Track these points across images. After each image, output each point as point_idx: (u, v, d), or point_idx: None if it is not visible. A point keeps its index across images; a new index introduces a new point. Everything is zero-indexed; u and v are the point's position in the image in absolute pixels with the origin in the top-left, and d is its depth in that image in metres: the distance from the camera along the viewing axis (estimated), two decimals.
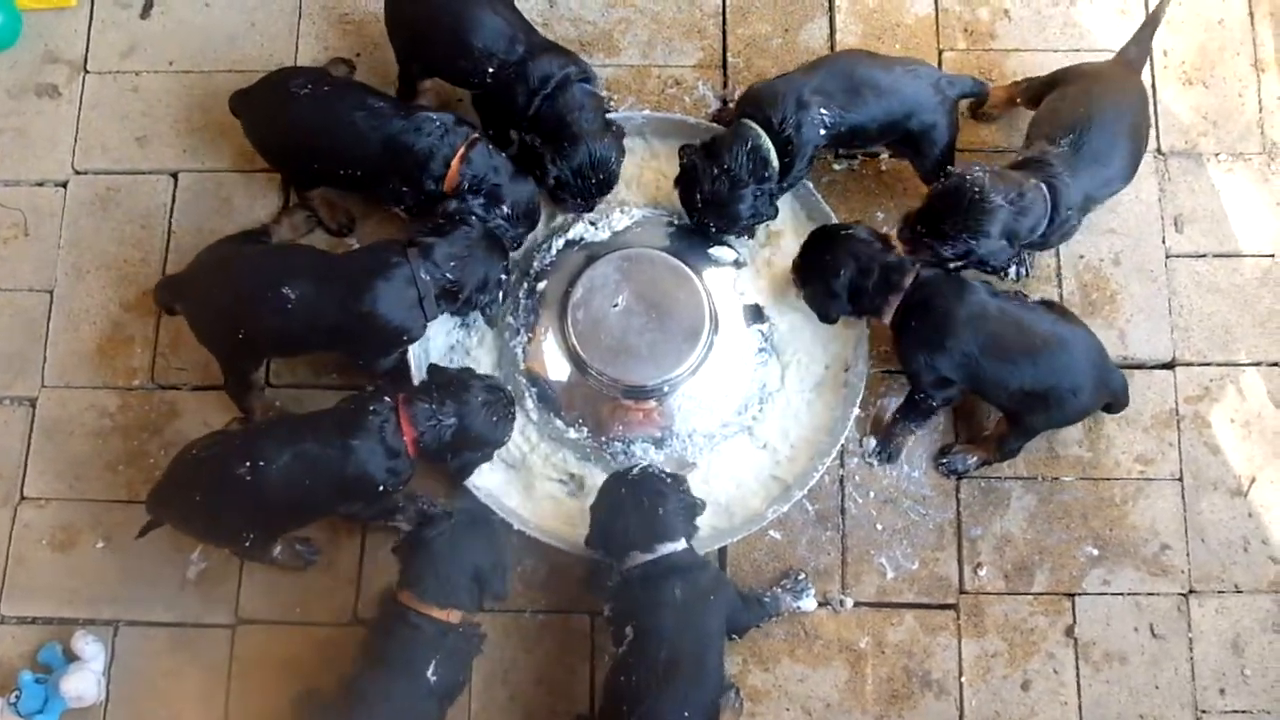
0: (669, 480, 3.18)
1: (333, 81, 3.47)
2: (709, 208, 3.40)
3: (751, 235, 3.58)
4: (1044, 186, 3.19)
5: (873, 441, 3.52)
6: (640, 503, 3.11)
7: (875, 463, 3.52)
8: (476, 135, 3.40)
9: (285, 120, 3.44)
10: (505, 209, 3.39)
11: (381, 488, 3.12)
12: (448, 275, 3.22)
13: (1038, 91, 3.54)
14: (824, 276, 3.31)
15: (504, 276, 3.38)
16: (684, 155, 3.44)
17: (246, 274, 3.28)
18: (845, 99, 3.37)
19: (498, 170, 3.38)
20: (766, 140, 3.33)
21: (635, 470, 3.19)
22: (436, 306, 3.26)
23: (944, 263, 3.22)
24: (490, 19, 3.42)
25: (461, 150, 3.35)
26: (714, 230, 3.48)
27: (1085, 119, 3.29)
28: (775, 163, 3.34)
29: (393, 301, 3.19)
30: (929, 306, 3.21)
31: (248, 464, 3.01)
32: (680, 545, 3.11)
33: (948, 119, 3.46)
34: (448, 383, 3.18)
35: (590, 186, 3.47)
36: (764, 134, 3.33)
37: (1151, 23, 3.53)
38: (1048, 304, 3.42)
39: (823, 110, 3.35)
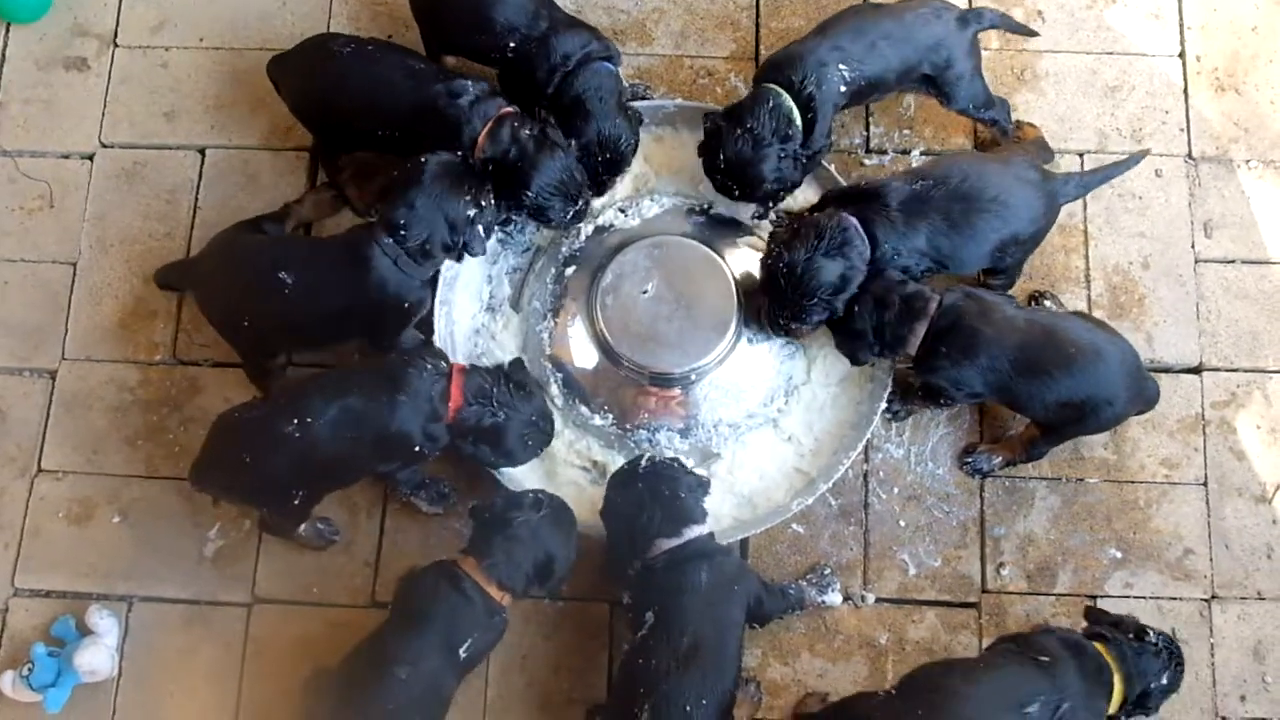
0: (676, 464, 3.18)
1: (375, 42, 3.46)
2: (732, 170, 3.35)
3: (776, 203, 3.50)
4: (851, 220, 3.21)
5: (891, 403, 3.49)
6: (659, 492, 3.09)
7: (889, 417, 3.51)
8: (507, 110, 3.34)
9: (327, 77, 3.42)
10: (530, 194, 3.29)
11: (418, 449, 3.10)
12: (405, 235, 3.17)
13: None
14: (843, 318, 3.28)
15: (475, 211, 3.23)
16: (707, 121, 3.41)
17: (245, 262, 3.29)
18: (861, 52, 3.37)
19: (523, 148, 3.27)
20: (788, 99, 3.31)
21: (642, 463, 3.17)
22: (419, 265, 3.21)
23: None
24: None
25: (490, 125, 3.30)
26: (738, 195, 3.40)
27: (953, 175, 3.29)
28: (798, 121, 3.33)
29: (377, 274, 3.16)
30: (956, 329, 3.18)
31: (295, 420, 3.00)
32: (704, 528, 3.10)
33: (967, 55, 3.45)
34: (518, 383, 3.17)
35: (598, 164, 3.43)
36: (785, 94, 3.32)
37: (1103, 175, 3.50)
38: (1080, 315, 3.42)
39: (841, 66, 3.34)
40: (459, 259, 3.31)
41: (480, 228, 3.26)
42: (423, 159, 3.21)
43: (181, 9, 3.94)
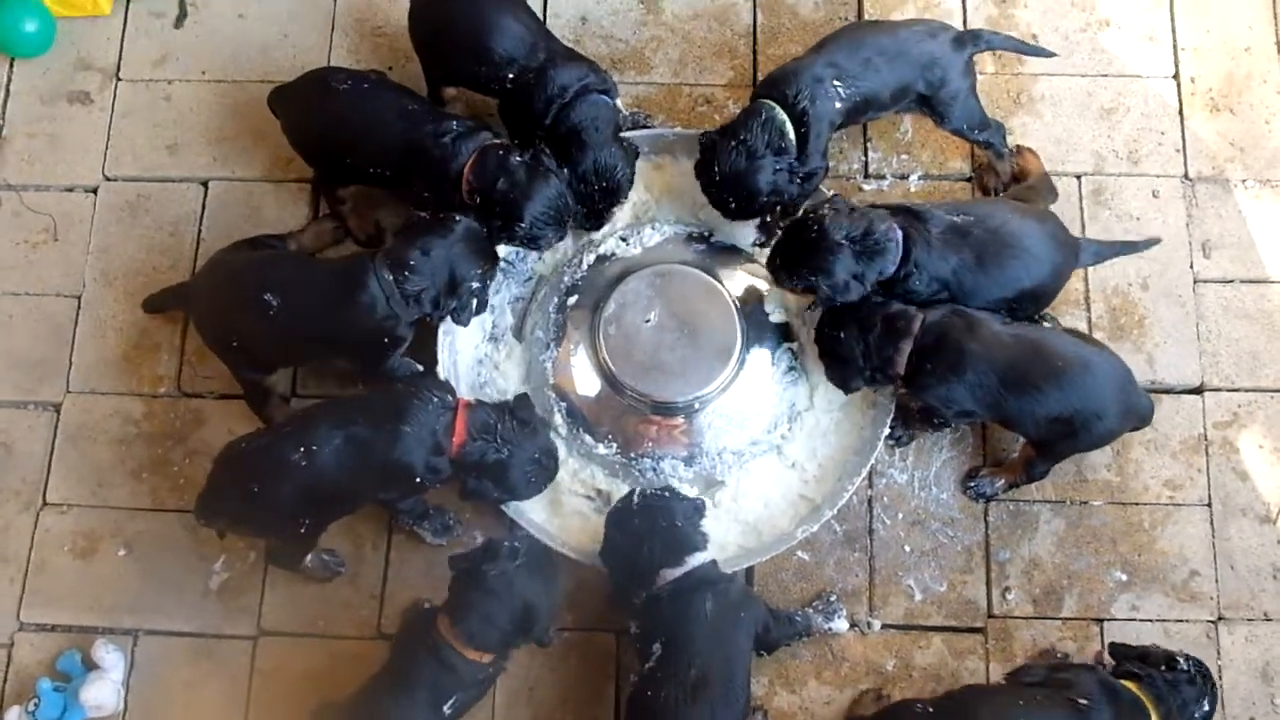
0: (668, 493, 3.18)
1: (372, 79, 3.50)
2: (727, 183, 3.35)
3: (774, 219, 3.51)
4: (899, 231, 3.22)
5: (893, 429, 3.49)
6: (656, 524, 3.10)
7: (891, 443, 3.52)
8: (494, 142, 3.36)
9: (323, 112, 3.46)
10: (524, 224, 3.30)
11: (419, 480, 3.11)
12: (406, 276, 3.18)
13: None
14: (830, 345, 3.30)
15: (479, 285, 3.29)
16: (703, 138, 3.43)
17: (234, 281, 3.32)
18: (857, 69, 3.39)
19: (512, 176, 3.28)
20: (781, 113, 3.33)
21: (635, 498, 3.18)
22: (407, 307, 3.21)
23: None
24: (511, 25, 3.44)
25: (475, 157, 3.33)
26: (734, 209, 3.40)
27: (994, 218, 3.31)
28: (791, 135, 3.34)
29: (363, 304, 3.18)
30: (941, 345, 3.19)
31: (302, 449, 3.01)
32: (707, 555, 3.10)
33: (959, 72, 3.47)
34: (523, 420, 3.18)
35: (593, 194, 3.45)
36: (778, 108, 3.34)
37: (1120, 249, 3.54)
38: (1069, 331, 3.44)
39: (836, 83, 3.37)
40: (442, 319, 3.33)
41: (475, 301, 3.29)
42: (456, 218, 3.25)
43: (183, 42, 3.97)
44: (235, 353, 3.38)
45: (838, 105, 3.37)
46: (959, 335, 3.18)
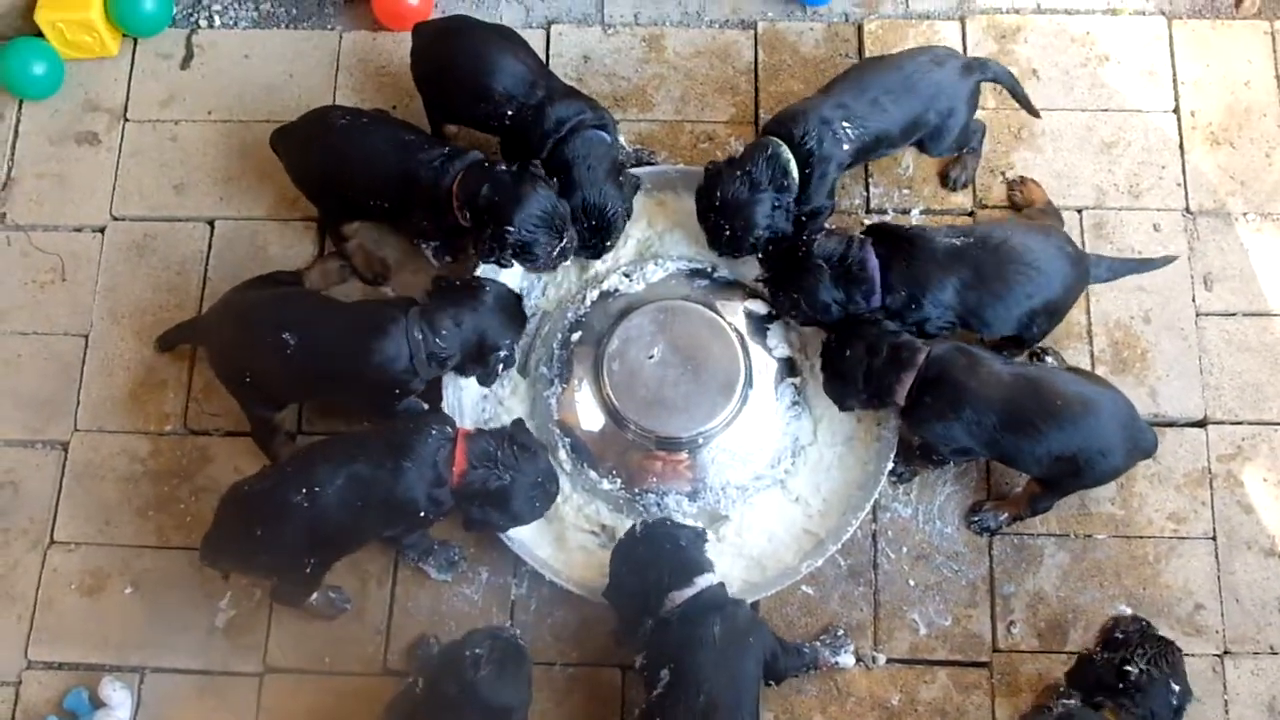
0: (669, 522, 3.23)
1: (370, 115, 3.55)
2: (726, 210, 3.39)
3: (762, 254, 3.51)
4: (874, 259, 3.29)
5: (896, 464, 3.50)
6: (661, 549, 3.13)
7: (894, 480, 3.52)
8: (478, 158, 3.41)
9: (323, 150, 3.51)
10: (513, 229, 3.28)
11: (422, 514, 3.13)
12: (437, 340, 3.25)
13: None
14: (834, 360, 3.33)
15: (507, 352, 3.37)
16: (709, 167, 3.47)
17: (251, 318, 3.35)
18: (865, 110, 3.43)
19: (496, 184, 3.31)
20: (787, 152, 3.38)
21: (638, 528, 3.22)
22: (428, 366, 3.28)
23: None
24: (512, 64, 3.50)
25: (460, 174, 3.37)
26: (728, 236, 3.42)
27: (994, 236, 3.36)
28: (795, 174, 3.38)
29: (384, 355, 3.22)
30: (941, 381, 3.21)
31: (304, 490, 3.04)
32: (715, 577, 3.12)
33: (966, 104, 3.52)
34: (521, 445, 3.21)
35: (587, 232, 3.48)
36: (784, 146, 3.38)
37: (1135, 265, 3.60)
38: (1071, 369, 3.46)
39: (844, 124, 3.41)
40: (464, 377, 3.41)
41: (500, 366, 3.36)
42: (485, 285, 3.33)
43: (190, 83, 4.01)
44: (248, 388, 3.40)
45: (845, 148, 3.41)
46: (959, 373, 3.20)
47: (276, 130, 3.64)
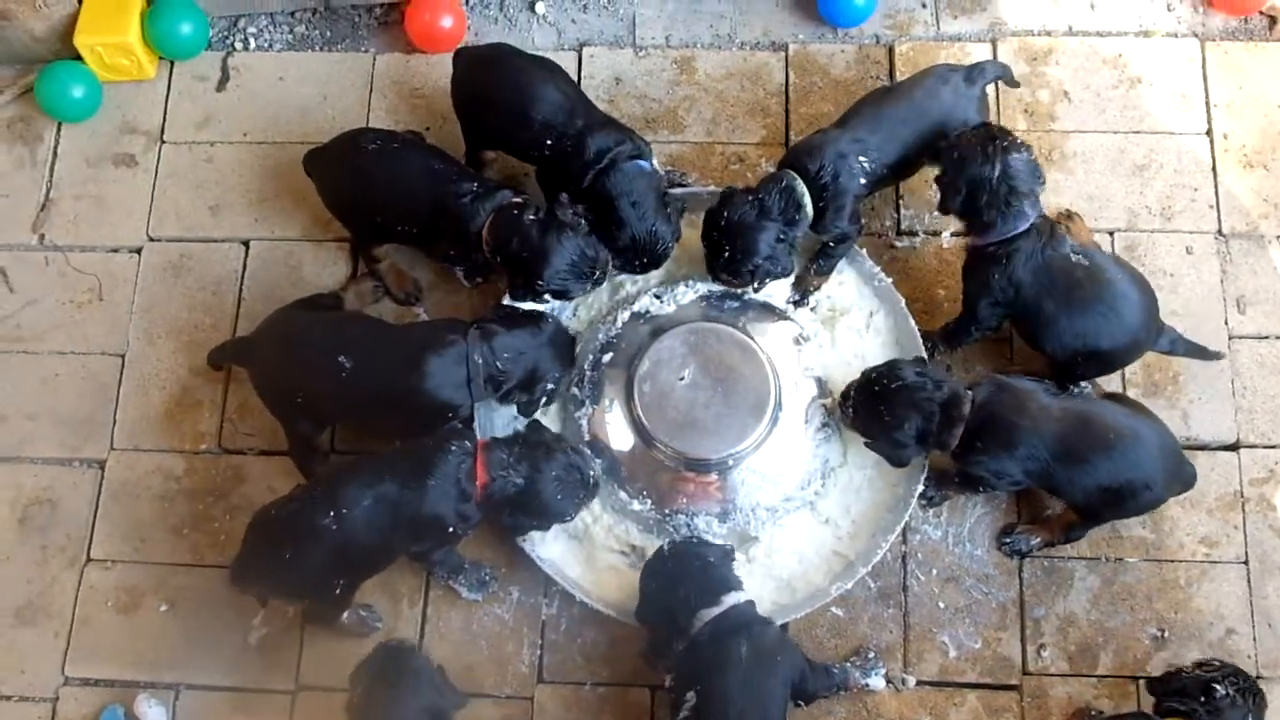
0: (699, 541, 3.25)
1: (402, 139, 3.58)
2: (730, 230, 3.40)
3: (759, 285, 3.54)
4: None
5: (926, 488, 3.49)
6: (690, 567, 3.14)
7: (924, 504, 3.52)
8: (510, 201, 3.41)
9: (354, 173, 3.53)
10: (543, 283, 3.34)
11: (450, 529, 3.16)
12: (498, 364, 3.29)
13: None
14: (888, 433, 3.29)
15: (553, 385, 3.42)
16: (726, 190, 3.48)
17: (305, 339, 3.37)
18: (880, 142, 3.45)
19: (525, 237, 3.33)
20: (801, 185, 3.39)
21: (667, 547, 3.23)
22: (484, 389, 3.31)
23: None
24: (551, 93, 3.51)
25: (492, 218, 3.39)
26: (725, 259, 3.43)
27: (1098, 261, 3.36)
28: (809, 208, 3.40)
29: (442, 377, 3.26)
30: (993, 423, 3.20)
31: (331, 513, 3.06)
32: (743, 594, 3.12)
33: (978, 113, 3.53)
34: (535, 444, 3.22)
35: (636, 267, 3.53)
36: (799, 180, 3.40)
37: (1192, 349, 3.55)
38: (1115, 397, 3.45)
39: (861, 158, 3.42)
40: (508, 404, 3.46)
41: (544, 398, 3.42)
42: (548, 317, 3.41)
43: (225, 105, 4.06)
44: (297, 408, 3.42)
45: (862, 181, 3.43)
46: (1009, 414, 3.19)
47: (309, 152, 3.67)
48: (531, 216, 3.35)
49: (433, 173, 3.47)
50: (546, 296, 3.43)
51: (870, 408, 3.30)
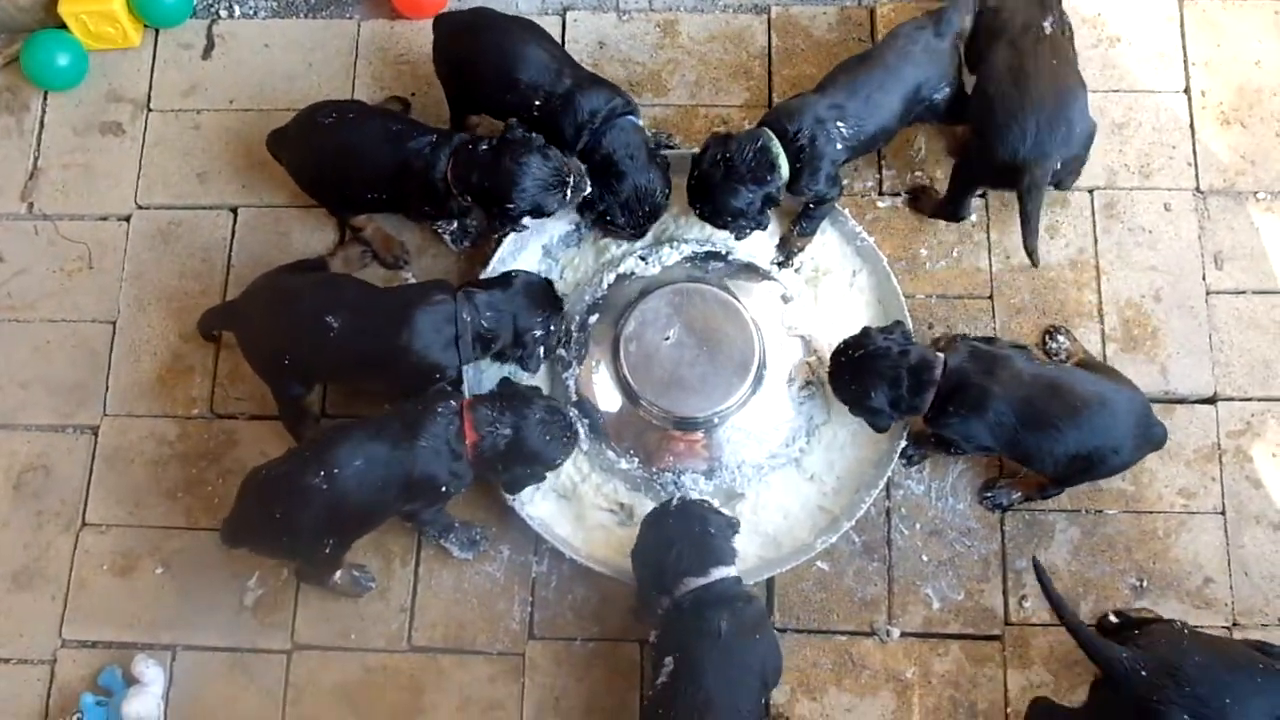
0: (706, 505, 3.26)
1: (357, 109, 3.60)
2: (699, 187, 3.45)
3: (738, 236, 3.55)
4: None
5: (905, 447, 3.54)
6: (690, 530, 3.16)
7: (903, 462, 3.57)
8: (462, 140, 3.45)
9: (314, 150, 3.57)
10: (513, 205, 3.35)
11: (444, 489, 3.21)
12: (483, 323, 3.34)
13: None
14: (860, 401, 3.33)
15: (542, 333, 3.45)
16: (711, 136, 3.50)
17: (292, 300, 3.41)
18: (859, 109, 3.48)
19: (483, 168, 3.36)
20: (777, 145, 3.41)
21: (674, 502, 3.25)
22: (472, 350, 3.35)
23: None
24: (535, 53, 3.54)
25: (450, 162, 3.41)
26: (698, 210, 3.48)
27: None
28: (784, 168, 3.42)
29: (429, 337, 3.30)
30: (964, 387, 3.23)
31: (321, 473, 3.10)
32: (731, 570, 3.16)
33: (951, 65, 3.58)
34: (512, 395, 3.28)
35: (638, 218, 3.57)
36: (775, 140, 3.42)
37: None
38: (1087, 365, 3.50)
39: (839, 124, 3.45)
40: (505, 362, 3.53)
41: (541, 349, 3.45)
42: (513, 274, 3.45)
43: (211, 73, 4.07)
44: (283, 371, 3.45)
45: (839, 146, 3.45)
46: (979, 377, 3.22)
47: (271, 134, 3.70)
48: (485, 147, 3.39)
49: (390, 134, 3.49)
50: (525, 220, 3.44)
51: (842, 376, 3.36)
